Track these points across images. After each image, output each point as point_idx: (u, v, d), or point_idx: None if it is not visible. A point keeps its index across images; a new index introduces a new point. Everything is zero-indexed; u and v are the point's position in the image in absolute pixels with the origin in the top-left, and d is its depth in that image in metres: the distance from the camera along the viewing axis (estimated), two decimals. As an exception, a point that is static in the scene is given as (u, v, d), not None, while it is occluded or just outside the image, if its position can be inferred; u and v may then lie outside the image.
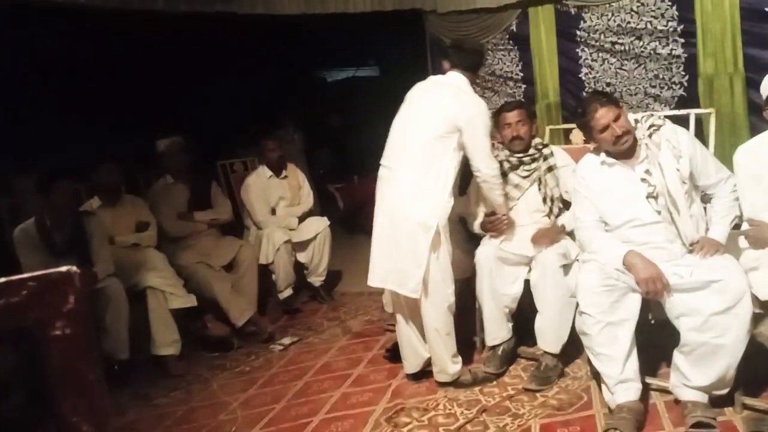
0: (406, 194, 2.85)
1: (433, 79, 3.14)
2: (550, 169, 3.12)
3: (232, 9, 4.99)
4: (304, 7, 5.40)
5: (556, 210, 3.14)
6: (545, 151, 3.17)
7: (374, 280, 3.01)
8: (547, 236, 2.97)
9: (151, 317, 3.56)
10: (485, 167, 2.90)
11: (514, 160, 3.17)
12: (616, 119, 2.48)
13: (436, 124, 2.85)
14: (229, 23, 5.16)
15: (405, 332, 3.05)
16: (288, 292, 4.41)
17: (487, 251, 3.03)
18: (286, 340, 3.84)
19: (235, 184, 5.02)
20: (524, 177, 3.15)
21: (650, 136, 2.51)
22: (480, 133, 2.86)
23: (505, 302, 3.01)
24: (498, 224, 3.07)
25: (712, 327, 2.21)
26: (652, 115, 2.60)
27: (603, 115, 2.48)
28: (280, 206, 4.61)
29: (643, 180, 2.48)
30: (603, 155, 2.59)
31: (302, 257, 4.48)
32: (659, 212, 2.44)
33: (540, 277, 2.90)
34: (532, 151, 3.17)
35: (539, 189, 3.13)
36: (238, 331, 3.92)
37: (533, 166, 3.15)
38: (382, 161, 3.03)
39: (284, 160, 4.73)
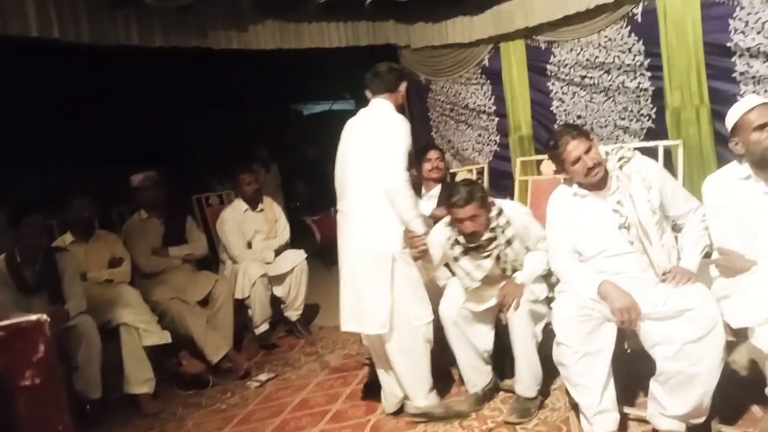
0: (357, 231, 2.88)
1: (360, 113, 3.12)
2: (509, 242, 2.87)
3: (208, 44, 5.02)
4: (280, 42, 5.45)
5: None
6: (501, 221, 2.88)
7: (345, 324, 3.00)
8: (513, 295, 2.79)
9: (124, 355, 3.50)
10: (391, 178, 2.77)
11: (472, 245, 2.90)
12: (587, 151, 2.53)
13: (371, 153, 2.87)
14: (205, 58, 5.18)
15: (380, 372, 3.04)
16: (264, 327, 4.36)
17: (450, 312, 2.92)
18: (263, 377, 3.79)
19: (211, 218, 5.00)
20: (485, 257, 2.89)
21: (621, 167, 2.56)
22: (394, 147, 2.81)
23: (480, 351, 2.98)
24: (416, 242, 2.80)
25: (687, 355, 2.24)
26: (622, 147, 2.66)
27: (574, 147, 2.54)
28: (257, 240, 4.58)
29: (615, 211, 2.52)
30: (575, 187, 2.64)
31: (279, 291, 4.44)
32: (632, 242, 2.49)
33: (510, 325, 2.82)
34: (488, 234, 2.87)
35: (498, 264, 2.90)
36: (214, 367, 3.86)
37: (492, 246, 2.88)
38: (337, 206, 3.05)
39: (260, 194, 4.73)
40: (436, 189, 3.64)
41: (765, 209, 2.31)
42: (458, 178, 3.81)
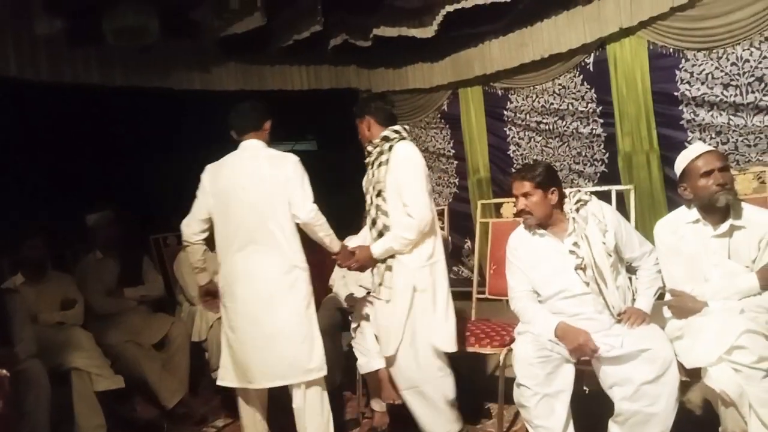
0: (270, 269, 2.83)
1: (232, 158, 2.97)
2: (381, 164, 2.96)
3: (170, 84, 5.01)
4: (243, 84, 5.48)
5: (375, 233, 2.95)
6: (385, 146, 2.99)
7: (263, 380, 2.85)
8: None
9: (75, 400, 3.36)
10: (304, 210, 2.80)
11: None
12: (524, 195, 2.66)
13: (271, 192, 2.82)
14: (165, 97, 5.16)
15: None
16: (222, 370, 4.25)
17: None
18: (220, 422, 3.69)
19: (168, 259, 4.90)
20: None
21: (577, 210, 2.64)
22: (298, 180, 2.84)
23: None
24: (348, 260, 2.90)
25: (644, 396, 2.28)
26: (580, 190, 2.75)
27: (515, 188, 2.69)
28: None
29: (572, 252, 2.59)
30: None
31: (237, 333, 4.35)
32: (587, 284, 2.55)
33: None
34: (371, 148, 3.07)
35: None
36: (169, 413, 3.73)
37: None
38: (231, 253, 2.89)
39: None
40: None
41: (713, 252, 2.41)
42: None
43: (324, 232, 2.85)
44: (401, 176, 2.88)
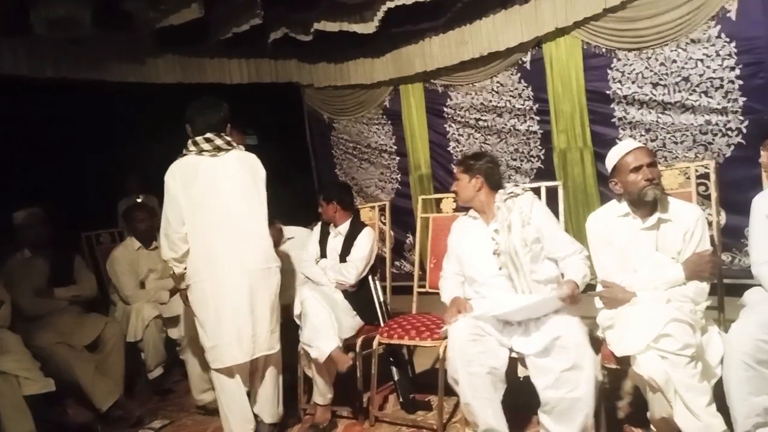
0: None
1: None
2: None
3: (102, 76, 4.86)
4: (181, 77, 5.37)
5: None
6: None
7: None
8: None
9: (2, 405, 3.20)
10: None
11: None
12: (455, 178, 2.87)
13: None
14: (98, 91, 4.99)
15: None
16: (158, 371, 4.15)
17: None
18: (157, 424, 3.60)
19: (102, 257, 4.74)
20: None
21: (505, 201, 2.77)
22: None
23: None
24: None
25: (565, 382, 2.38)
26: (518, 185, 2.87)
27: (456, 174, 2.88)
28: (150, 279, 4.38)
29: (492, 238, 2.72)
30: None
31: (174, 333, 4.23)
32: (500, 268, 2.69)
33: None
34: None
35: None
36: (103, 416, 3.61)
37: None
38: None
39: (154, 231, 4.53)
40: (345, 225, 3.66)
41: (642, 244, 2.50)
42: (362, 215, 3.87)
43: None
44: None
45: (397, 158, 5.94)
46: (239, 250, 2.91)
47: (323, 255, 3.67)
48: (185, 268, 2.93)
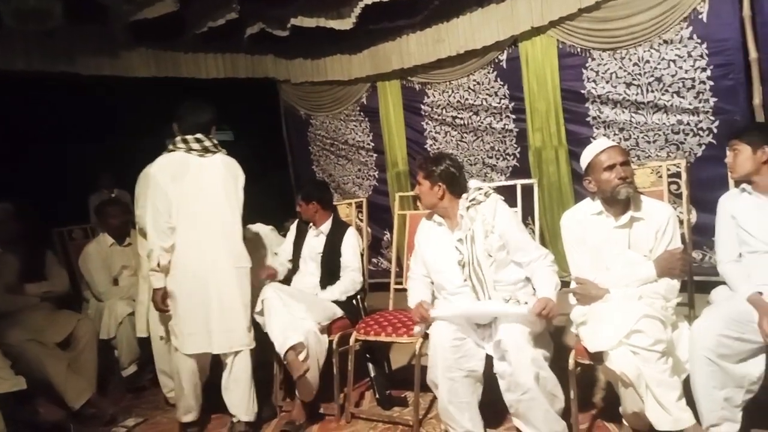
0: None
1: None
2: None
3: (76, 69, 4.78)
4: (155, 71, 5.30)
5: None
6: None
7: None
8: None
9: (-30, 405, 3.15)
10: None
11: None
12: (418, 183, 2.83)
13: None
14: (70, 85, 4.91)
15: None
16: (132, 368, 4.11)
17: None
18: (130, 422, 3.56)
19: (74, 253, 4.67)
20: None
21: (467, 209, 2.74)
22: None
23: None
24: None
25: (516, 386, 2.43)
26: (480, 189, 2.80)
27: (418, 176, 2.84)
28: (124, 276, 4.33)
29: (456, 248, 2.72)
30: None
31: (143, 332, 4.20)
32: (465, 280, 2.69)
33: None
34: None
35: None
36: (76, 414, 3.56)
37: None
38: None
39: (127, 227, 4.48)
40: (326, 224, 3.64)
41: (615, 242, 2.54)
42: (339, 212, 3.86)
43: None
44: None
45: (375, 155, 5.94)
46: (216, 247, 3.02)
47: (297, 255, 3.66)
48: (169, 261, 3.00)
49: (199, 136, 3.07)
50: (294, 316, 3.13)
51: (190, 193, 3.02)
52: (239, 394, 3.09)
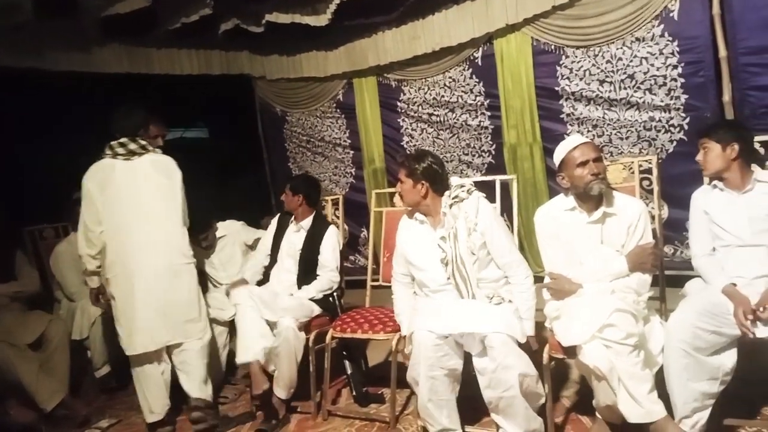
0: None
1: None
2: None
3: (46, 65, 4.69)
4: (128, 66, 5.22)
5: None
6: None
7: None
8: None
9: (-63, 408, 3.09)
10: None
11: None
12: (399, 181, 2.82)
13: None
14: (40, 81, 4.81)
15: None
16: (105, 369, 4.05)
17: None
18: (104, 423, 3.52)
19: (45, 253, 4.59)
20: None
21: (450, 206, 2.74)
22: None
23: None
24: None
25: (498, 383, 2.44)
26: (463, 186, 2.80)
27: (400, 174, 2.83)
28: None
29: (439, 246, 2.72)
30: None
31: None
32: (448, 278, 2.70)
33: None
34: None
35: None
36: (48, 416, 3.51)
37: None
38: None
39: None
40: (308, 220, 3.63)
41: (588, 237, 2.57)
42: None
43: None
44: None
45: (351, 152, 5.92)
46: (152, 247, 3.10)
47: (276, 248, 3.64)
48: (98, 266, 3.15)
49: (123, 140, 3.13)
50: (265, 322, 3.18)
51: (117, 197, 3.10)
52: (193, 376, 3.18)
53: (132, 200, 3.10)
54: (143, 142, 3.16)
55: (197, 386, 3.18)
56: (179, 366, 3.19)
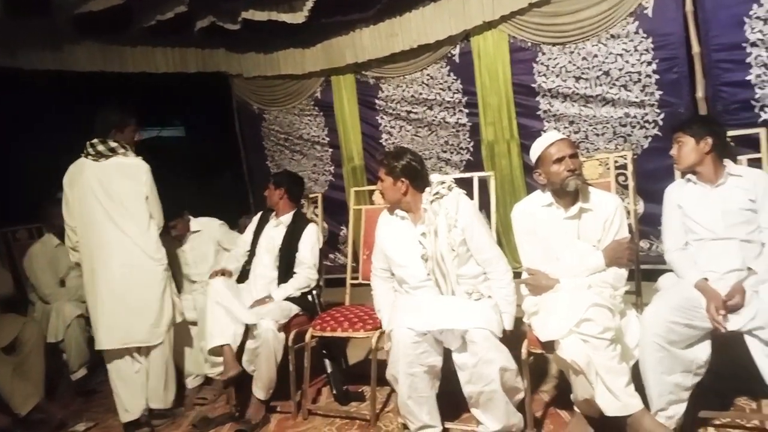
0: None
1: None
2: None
3: (18, 64, 4.61)
4: (102, 65, 5.15)
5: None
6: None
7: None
8: None
9: None
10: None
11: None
12: (379, 179, 2.84)
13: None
14: (15, 78, 4.73)
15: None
16: (82, 372, 4.01)
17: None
18: (81, 426, 3.48)
19: (18, 254, 4.51)
20: None
21: (431, 203, 2.75)
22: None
23: None
24: None
25: (479, 377, 2.46)
26: (443, 182, 2.82)
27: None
28: (71, 277, 4.21)
29: (420, 242, 2.73)
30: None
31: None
32: (428, 274, 2.72)
33: None
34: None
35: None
36: (23, 420, 3.45)
37: None
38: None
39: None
40: (287, 216, 3.62)
41: (564, 233, 2.59)
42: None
43: None
44: None
45: (330, 150, 5.90)
46: (114, 248, 3.16)
47: (255, 243, 3.62)
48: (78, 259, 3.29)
49: (95, 141, 3.19)
50: (233, 315, 3.17)
51: (83, 197, 3.18)
52: (153, 384, 3.27)
53: (94, 201, 3.16)
54: (113, 144, 3.19)
55: (158, 395, 3.30)
56: (145, 372, 3.28)
